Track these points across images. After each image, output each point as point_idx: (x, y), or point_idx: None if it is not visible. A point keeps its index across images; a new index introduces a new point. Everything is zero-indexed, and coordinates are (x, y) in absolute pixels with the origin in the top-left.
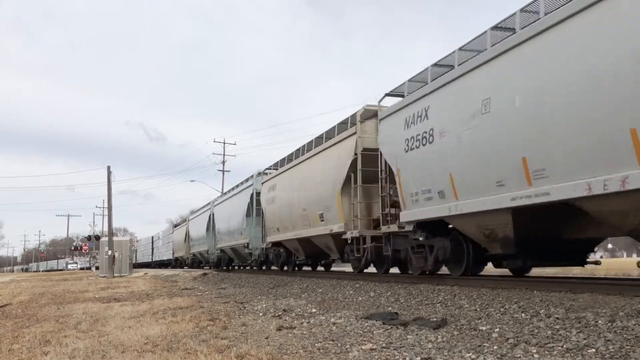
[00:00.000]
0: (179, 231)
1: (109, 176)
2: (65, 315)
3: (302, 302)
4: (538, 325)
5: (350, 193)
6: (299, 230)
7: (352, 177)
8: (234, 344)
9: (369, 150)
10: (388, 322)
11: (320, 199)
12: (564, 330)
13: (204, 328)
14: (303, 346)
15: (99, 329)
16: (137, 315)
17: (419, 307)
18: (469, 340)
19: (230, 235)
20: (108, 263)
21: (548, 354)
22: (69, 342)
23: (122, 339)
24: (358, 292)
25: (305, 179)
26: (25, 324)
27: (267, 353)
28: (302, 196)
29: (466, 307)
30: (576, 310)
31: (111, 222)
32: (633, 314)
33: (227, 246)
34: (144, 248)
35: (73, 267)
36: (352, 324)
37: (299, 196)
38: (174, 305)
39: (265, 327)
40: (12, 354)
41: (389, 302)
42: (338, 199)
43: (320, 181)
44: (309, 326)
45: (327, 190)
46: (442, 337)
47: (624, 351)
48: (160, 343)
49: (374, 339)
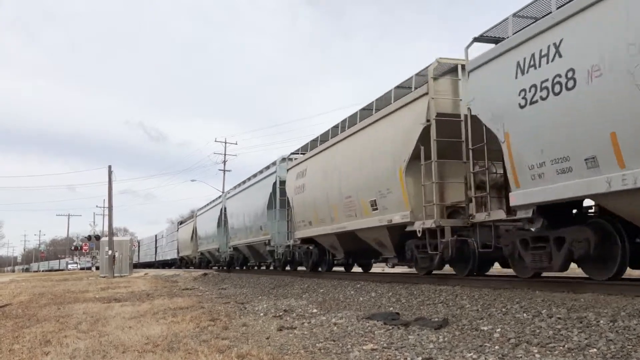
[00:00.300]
0: (185, 229)
1: (110, 176)
2: (66, 316)
3: (303, 303)
4: (540, 325)
5: (418, 172)
6: (340, 222)
7: (421, 152)
8: (235, 344)
9: (443, 116)
10: (389, 322)
11: (372, 183)
12: (566, 330)
13: (204, 328)
14: (304, 346)
15: (100, 329)
16: (138, 316)
17: (420, 307)
18: (470, 340)
19: (246, 232)
20: (108, 263)
21: (550, 354)
22: (70, 342)
23: (123, 339)
24: (359, 292)
25: (349, 159)
26: (26, 324)
27: (268, 353)
28: (344, 181)
29: (468, 307)
30: (578, 310)
31: (111, 222)
32: (634, 313)
33: (242, 244)
34: (147, 247)
35: (73, 267)
36: (353, 324)
37: (339, 181)
38: (175, 305)
39: (266, 327)
40: (13, 354)
41: (390, 302)
42: (401, 180)
43: (372, 160)
44: (310, 326)
45: (384, 171)
46: (443, 337)
47: (626, 351)
48: (160, 343)
49: (375, 339)
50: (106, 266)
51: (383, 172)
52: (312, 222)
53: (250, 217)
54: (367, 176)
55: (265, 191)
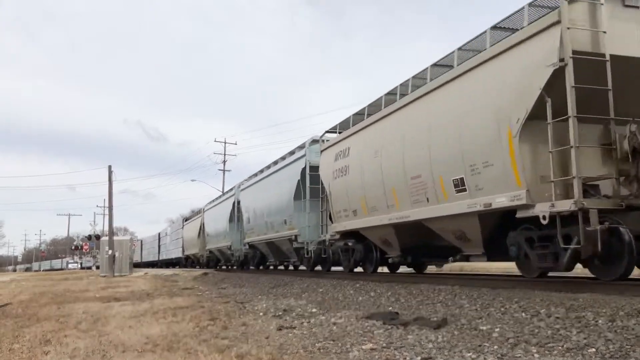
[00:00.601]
0: (191, 225)
1: (110, 176)
2: (66, 315)
3: (303, 302)
4: (538, 325)
5: (540, 136)
6: (402, 210)
7: (548, 106)
8: (235, 343)
9: (582, 54)
10: (388, 321)
11: (457, 156)
12: (564, 329)
13: (204, 328)
14: (303, 346)
15: (100, 328)
16: (138, 315)
17: (419, 307)
18: (469, 340)
19: (266, 227)
20: (108, 262)
21: (548, 354)
22: (70, 342)
23: (123, 339)
24: (358, 291)
25: (418, 128)
26: (26, 323)
27: (268, 353)
28: (410, 157)
29: (467, 306)
30: (576, 310)
31: (111, 222)
32: (633, 313)
33: (260, 240)
34: (149, 246)
35: (73, 266)
36: (352, 324)
37: (402, 158)
38: (174, 304)
39: (266, 327)
40: (13, 354)
41: (389, 302)
42: (511, 148)
43: (457, 126)
44: (309, 326)
45: (480, 138)
46: (442, 337)
47: (624, 350)
48: (160, 343)
49: (374, 339)
50: (106, 265)
51: (477, 140)
52: (358, 211)
53: (271, 210)
54: (450, 147)
55: (291, 179)
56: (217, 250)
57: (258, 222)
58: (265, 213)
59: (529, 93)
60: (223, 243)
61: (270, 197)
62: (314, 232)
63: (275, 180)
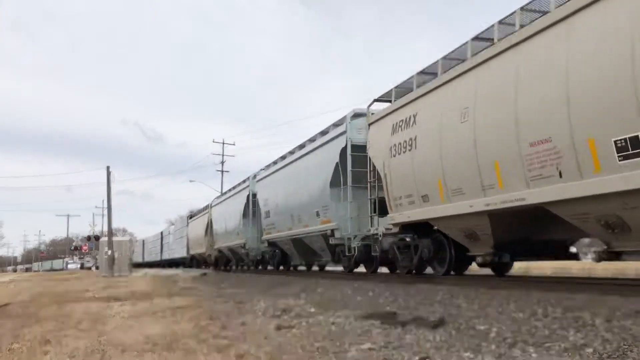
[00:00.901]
0: (197, 223)
1: (109, 176)
2: (65, 315)
3: (301, 302)
4: (536, 325)
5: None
6: (508, 191)
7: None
8: (234, 343)
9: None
10: (386, 321)
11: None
12: (562, 329)
13: (203, 327)
14: (302, 346)
15: (99, 328)
16: (137, 315)
17: (417, 307)
18: (467, 339)
19: (291, 221)
20: (108, 263)
21: (546, 353)
22: (69, 342)
23: (122, 339)
24: (357, 291)
25: (541, 68)
26: (26, 323)
27: (266, 352)
28: (526, 113)
29: (464, 306)
30: (574, 310)
31: (110, 222)
32: (630, 313)
33: (284, 237)
34: (152, 246)
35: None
36: (350, 324)
37: (516, 116)
38: (174, 304)
39: (265, 326)
40: (12, 354)
41: (387, 302)
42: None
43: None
44: (308, 326)
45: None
46: (440, 337)
47: (621, 350)
48: (160, 342)
49: (372, 339)
50: (106, 266)
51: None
52: (432, 196)
53: (297, 201)
54: (613, 89)
55: (326, 163)
56: (227, 249)
57: (280, 216)
58: (291, 205)
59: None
60: (235, 241)
61: (297, 185)
62: (360, 226)
63: (303, 166)
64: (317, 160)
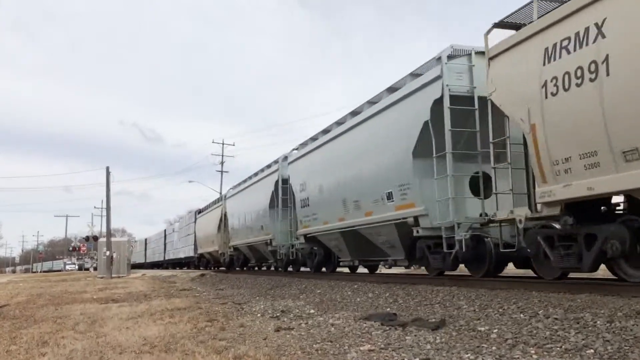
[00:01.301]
0: (207, 218)
1: (108, 177)
2: (63, 316)
3: (301, 303)
4: (537, 326)
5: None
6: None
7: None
8: (232, 345)
9: None
10: (386, 323)
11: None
12: (563, 330)
13: (201, 329)
14: (301, 347)
15: (97, 329)
16: (135, 316)
17: (417, 308)
18: (467, 341)
19: (343, 209)
20: (106, 264)
21: (547, 355)
22: (67, 343)
23: (120, 340)
24: (356, 293)
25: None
26: (23, 325)
27: (265, 354)
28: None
29: (465, 307)
30: (575, 311)
31: (109, 223)
32: (631, 314)
33: (331, 230)
34: (155, 245)
35: (71, 267)
36: (350, 325)
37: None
38: (172, 306)
39: (264, 328)
40: (10, 355)
41: (387, 303)
42: None
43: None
44: (307, 327)
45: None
46: (440, 338)
47: (623, 352)
48: (158, 344)
49: (372, 340)
50: (104, 267)
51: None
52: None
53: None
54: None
55: (406, 124)
56: (246, 246)
57: (326, 203)
58: (343, 188)
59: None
60: (258, 237)
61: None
62: (456, 209)
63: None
64: (390, 123)
